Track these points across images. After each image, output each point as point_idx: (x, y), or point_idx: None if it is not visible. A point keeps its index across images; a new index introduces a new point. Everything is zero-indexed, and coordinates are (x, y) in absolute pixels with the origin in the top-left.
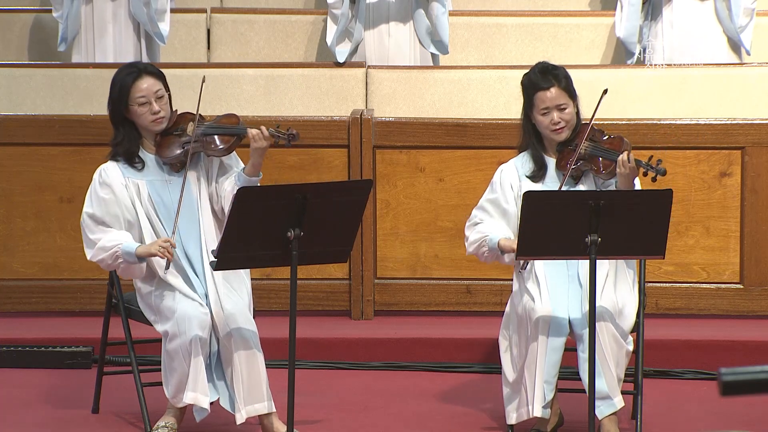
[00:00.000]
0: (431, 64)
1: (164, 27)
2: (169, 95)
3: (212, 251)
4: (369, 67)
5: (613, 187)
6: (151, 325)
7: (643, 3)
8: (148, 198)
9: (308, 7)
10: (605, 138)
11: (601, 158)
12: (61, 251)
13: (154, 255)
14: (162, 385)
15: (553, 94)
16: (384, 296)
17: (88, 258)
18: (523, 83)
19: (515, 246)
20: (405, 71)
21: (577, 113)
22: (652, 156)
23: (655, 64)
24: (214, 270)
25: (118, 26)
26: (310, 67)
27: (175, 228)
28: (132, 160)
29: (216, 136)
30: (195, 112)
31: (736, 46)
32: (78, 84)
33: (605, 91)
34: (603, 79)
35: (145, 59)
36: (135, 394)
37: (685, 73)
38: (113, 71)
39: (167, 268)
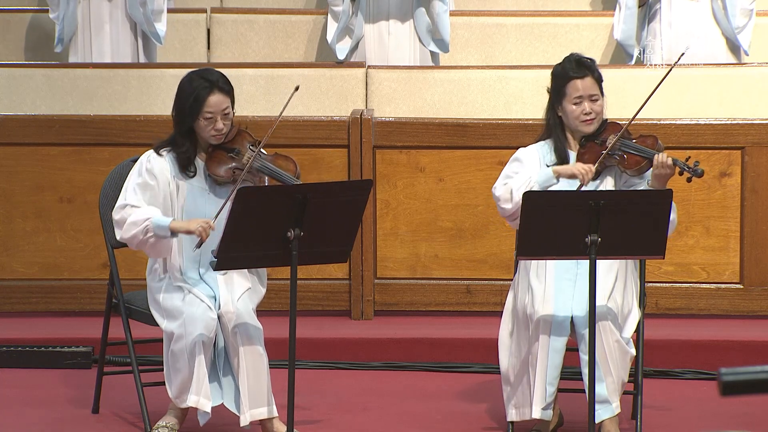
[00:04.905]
0: (431, 62)
1: (161, 27)
2: (233, 112)
3: (212, 251)
4: (369, 67)
5: (636, 187)
6: (152, 325)
7: (641, 5)
8: (184, 200)
9: (308, 6)
10: (636, 137)
11: (632, 154)
12: (61, 251)
13: (192, 233)
14: (164, 384)
15: (587, 83)
16: (384, 296)
17: (119, 237)
18: (554, 72)
19: (573, 168)
20: (405, 71)
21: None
22: (689, 157)
23: (655, 64)
24: (214, 270)
25: (114, 26)
26: (310, 67)
27: (217, 215)
28: (188, 167)
29: (267, 178)
30: (255, 137)
31: (734, 46)
32: (78, 84)
33: (677, 61)
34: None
35: (142, 59)
36: (135, 394)
37: (685, 73)
38: (113, 71)
39: (198, 246)
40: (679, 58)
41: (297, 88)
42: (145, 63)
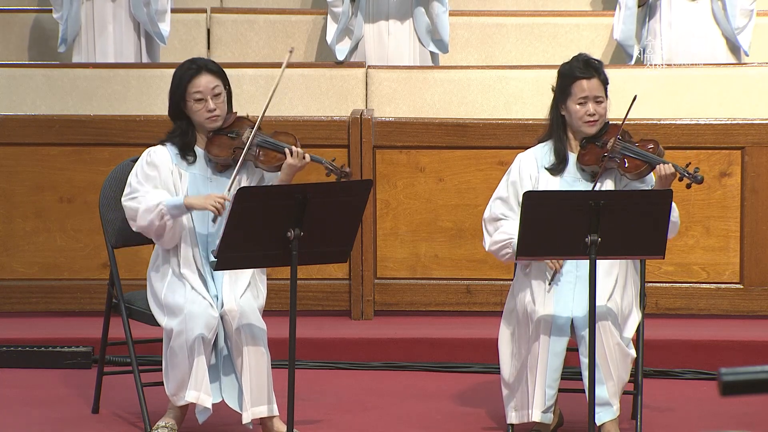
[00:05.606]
0: (431, 62)
1: (164, 27)
2: (229, 93)
3: (212, 251)
4: (369, 67)
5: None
6: (152, 325)
7: (641, 5)
8: (186, 189)
9: (308, 6)
10: (637, 141)
11: (633, 158)
12: (61, 251)
13: (206, 209)
14: (162, 384)
15: (593, 84)
16: (384, 296)
17: (135, 228)
18: (561, 71)
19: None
20: (405, 71)
21: None
22: (689, 162)
23: (655, 64)
24: (214, 270)
25: (118, 26)
26: (310, 67)
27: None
28: (186, 152)
29: (270, 150)
30: (253, 118)
31: (734, 47)
32: (78, 84)
33: (635, 98)
34: None
35: (145, 59)
36: (135, 394)
37: (685, 73)
38: (113, 71)
39: (215, 221)
40: (630, 107)
41: (292, 50)
42: (145, 63)
